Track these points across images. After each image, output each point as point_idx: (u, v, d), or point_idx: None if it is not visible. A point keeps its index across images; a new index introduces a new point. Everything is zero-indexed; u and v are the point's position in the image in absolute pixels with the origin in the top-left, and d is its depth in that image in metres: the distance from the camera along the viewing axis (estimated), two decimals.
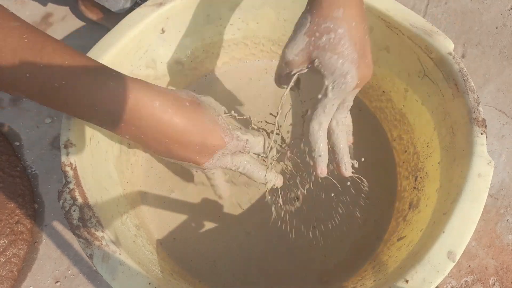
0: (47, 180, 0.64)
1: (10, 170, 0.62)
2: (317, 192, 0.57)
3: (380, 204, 0.57)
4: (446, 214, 0.40)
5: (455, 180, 0.42)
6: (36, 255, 0.59)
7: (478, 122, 0.43)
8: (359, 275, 0.51)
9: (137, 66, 0.53)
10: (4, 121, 0.68)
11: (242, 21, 0.58)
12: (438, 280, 0.37)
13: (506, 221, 0.59)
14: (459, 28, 0.73)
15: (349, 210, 0.56)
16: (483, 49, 0.71)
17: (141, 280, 0.38)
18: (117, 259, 0.38)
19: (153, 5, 0.51)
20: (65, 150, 0.43)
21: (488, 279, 0.56)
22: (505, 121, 0.65)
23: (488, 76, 0.69)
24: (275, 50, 0.64)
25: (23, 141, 0.67)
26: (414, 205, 0.51)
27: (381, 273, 0.45)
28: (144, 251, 0.46)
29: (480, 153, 0.41)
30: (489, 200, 0.60)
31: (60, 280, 0.57)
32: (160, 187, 0.59)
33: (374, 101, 0.62)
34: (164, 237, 0.56)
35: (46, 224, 0.61)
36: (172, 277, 0.46)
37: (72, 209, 0.40)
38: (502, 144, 0.64)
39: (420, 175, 0.52)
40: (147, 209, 0.57)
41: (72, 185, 0.41)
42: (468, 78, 0.45)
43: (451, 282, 0.56)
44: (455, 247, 0.38)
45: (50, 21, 0.78)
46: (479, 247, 0.58)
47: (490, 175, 0.41)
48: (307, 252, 0.54)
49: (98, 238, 0.39)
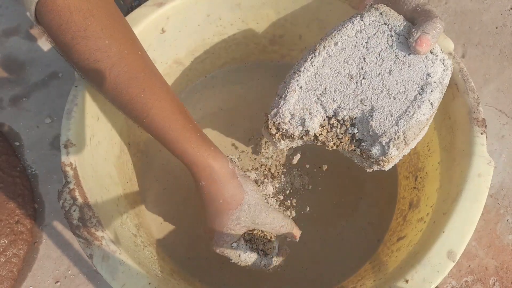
0: (47, 180, 0.64)
1: (10, 170, 0.62)
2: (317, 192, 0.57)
3: (380, 203, 0.57)
4: (446, 214, 0.40)
5: (455, 180, 0.42)
6: (36, 255, 0.59)
7: (478, 122, 0.43)
8: (359, 275, 0.51)
9: None
10: (4, 121, 0.68)
11: (242, 21, 0.58)
12: (438, 280, 0.37)
13: (506, 221, 0.59)
14: (459, 28, 0.73)
15: (349, 209, 0.56)
16: (483, 49, 0.71)
17: (141, 280, 0.38)
18: (117, 259, 0.38)
19: (153, 5, 0.51)
20: (65, 150, 0.43)
21: (488, 279, 0.56)
22: (505, 121, 0.65)
23: (488, 76, 0.69)
24: (275, 50, 0.64)
25: (23, 141, 0.67)
26: (414, 205, 0.51)
27: (381, 273, 0.45)
28: (144, 251, 0.46)
29: (480, 153, 0.41)
30: (489, 200, 0.60)
31: (60, 280, 0.57)
32: (160, 186, 0.59)
33: None
34: (164, 237, 0.56)
35: (46, 224, 0.61)
36: (171, 277, 0.46)
37: (72, 209, 0.40)
38: (502, 144, 0.64)
39: (420, 175, 0.52)
40: (147, 209, 0.57)
41: (72, 185, 0.41)
42: (468, 78, 0.45)
43: (451, 282, 0.56)
44: (455, 247, 0.38)
45: None
46: (479, 247, 0.58)
47: (490, 175, 0.41)
48: (307, 252, 0.54)
49: (98, 238, 0.39)
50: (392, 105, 0.39)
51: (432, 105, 0.39)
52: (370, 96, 0.39)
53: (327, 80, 0.40)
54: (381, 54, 0.40)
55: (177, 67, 0.61)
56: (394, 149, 0.38)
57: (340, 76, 0.40)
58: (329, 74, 0.40)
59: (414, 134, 0.38)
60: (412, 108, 0.38)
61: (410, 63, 0.39)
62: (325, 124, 0.41)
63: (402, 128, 0.38)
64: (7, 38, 0.75)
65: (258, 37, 0.61)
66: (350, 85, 0.40)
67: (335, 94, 0.40)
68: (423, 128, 0.40)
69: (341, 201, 0.57)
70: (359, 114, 0.39)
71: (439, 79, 0.39)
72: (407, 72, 0.39)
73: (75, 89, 0.46)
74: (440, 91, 0.39)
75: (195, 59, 0.62)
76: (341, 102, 0.39)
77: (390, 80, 0.39)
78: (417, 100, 0.38)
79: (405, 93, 0.39)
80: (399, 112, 0.38)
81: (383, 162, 0.40)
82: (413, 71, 0.39)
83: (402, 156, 0.41)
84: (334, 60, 0.41)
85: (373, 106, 0.39)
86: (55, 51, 0.74)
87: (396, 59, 0.40)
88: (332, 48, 0.41)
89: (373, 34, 0.41)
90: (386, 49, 0.40)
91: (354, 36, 0.41)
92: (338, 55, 0.41)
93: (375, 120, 0.38)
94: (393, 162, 0.40)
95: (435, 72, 0.39)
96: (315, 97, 0.40)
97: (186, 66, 0.62)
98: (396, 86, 0.39)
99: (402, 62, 0.39)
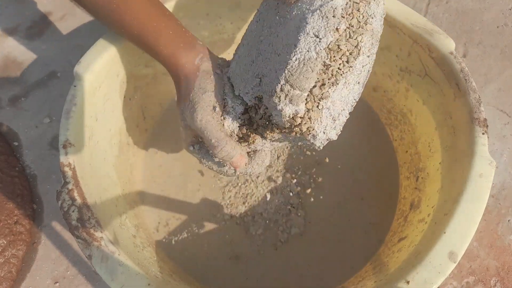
0: (46, 180, 0.63)
1: (8, 170, 0.62)
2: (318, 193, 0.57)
3: (381, 204, 0.56)
4: (448, 214, 0.40)
5: (457, 181, 0.42)
6: (35, 255, 0.59)
7: (480, 122, 0.43)
8: (360, 275, 0.51)
9: (136, 65, 0.53)
10: (2, 121, 0.68)
11: (243, 20, 0.58)
12: (439, 281, 0.37)
13: (508, 222, 0.59)
14: (460, 28, 0.73)
15: (350, 210, 0.56)
16: (484, 49, 0.71)
17: (140, 281, 0.38)
18: (116, 260, 0.38)
19: None
20: (64, 150, 0.42)
21: (489, 280, 0.56)
22: (507, 121, 0.65)
23: (489, 76, 0.69)
24: None
25: (22, 141, 0.66)
26: (415, 206, 0.51)
27: (382, 274, 0.45)
28: (143, 251, 0.46)
29: (482, 153, 0.41)
30: (490, 200, 0.60)
31: (59, 281, 0.57)
32: (159, 187, 0.58)
33: (375, 101, 0.62)
34: (164, 238, 0.55)
35: (45, 224, 0.60)
36: (171, 278, 0.46)
37: (71, 209, 0.39)
38: (503, 144, 0.64)
39: (421, 175, 0.52)
40: (146, 209, 0.57)
41: (71, 185, 0.41)
42: (470, 78, 0.45)
43: (453, 283, 0.56)
44: (456, 248, 0.38)
45: (49, 20, 0.77)
46: (480, 248, 0.57)
47: (491, 175, 0.40)
48: (308, 253, 0.54)
49: (97, 238, 0.39)
50: (276, 62, 0.35)
51: (318, 35, 0.33)
52: (263, 66, 0.37)
53: (237, 78, 0.41)
54: (271, 26, 0.38)
55: None
56: (289, 105, 0.34)
57: (246, 67, 0.40)
58: (239, 71, 0.41)
59: (304, 77, 0.33)
60: (293, 53, 0.33)
61: (292, 18, 0.36)
62: (245, 117, 0.40)
63: (283, 78, 0.34)
64: (6, 38, 0.75)
65: None
66: (250, 68, 0.39)
67: (241, 86, 0.40)
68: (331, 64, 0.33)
69: (342, 202, 0.57)
70: (260, 91, 0.38)
71: (316, 4, 0.34)
72: (289, 25, 0.35)
73: (73, 89, 0.46)
74: (321, 15, 0.33)
75: None
76: (244, 87, 0.39)
77: (277, 41, 0.37)
78: (295, 41, 0.34)
79: (288, 44, 0.35)
80: (282, 65, 0.34)
81: (297, 127, 0.35)
82: (293, 21, 0.35)
83: (341, 125, 0.36)
84: (242, 57, 0.41)
85: (264, 74, 0.37)
86: (54, 51, 0.73)
87: (279, 20, 0.37)
88: (241, 49, 0.42)
89: (266, 15, 0.40)
90: (273, 19, 0.38)
91: (256, 28, 0.41)
92: (244, 51, 0.41)
93: (264, 84, 0.36)
94: (318, 128, 0.35)
95: (309, 3, 0.34)
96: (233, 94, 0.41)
97: None
98: (281, 43, 0.35)
99: (285, 19, 0.36)
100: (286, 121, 0.35)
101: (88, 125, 0.46)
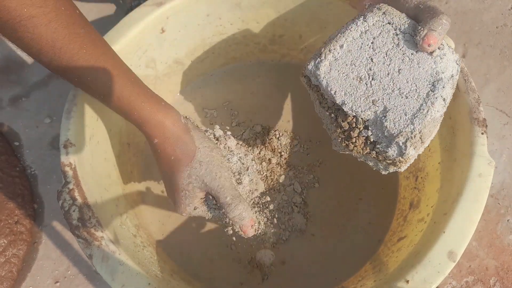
0: (47, 180, 0.64)
1: (9, 170, 0.62)
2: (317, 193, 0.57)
3: (381, 204, 0.56)
4: (447, 214, 0.40)
5: (456, 180, 0.42)
6: (36, 255, 0.59)
7: (479, 122, 0.43)
8: (360, 275, 0.51)
9: (137, 66, 0.53)
10: (3, 121, 0.68)
11: (242, 21, 0.58)
12: (439, 280, 0.37)
13: (507, 221, 0.59)
14: (459, 28, 0.73)
15: (350, 210, 0.56)
16: (483, 49, 0.71)
17: (140, 280, 0.38)
18: (117, 259, 0.38)
19: (153, 4, 0.51)
20: (65, 150, 0.42)
21: (488, 279, 0.56)
22: (506, 121, 0.65)
23: (488, 76, 0.69)
24: (276, 50, 0.64)
25: (23, 141, 0.67)
26: (414, 205, 0.51)
27: (381, 273, 0.45)
28: (143, 251, 0.46)
29: (481, 153, 0.41)
30: (489, 200, 0.60)
31: (60, 281, 0.57)
32: (160, 187, 0.59)
33: None
34: (164, 238, 0.56)
35: (46, 224, 0.61)
36: (171, 278, 0.46)
37: (72, 209, 0.40)
38: (502, 144, 0.64)
39: (420, 175, 0.52)
40: (146, 209, 0.57)
41: (71, 185, 0.41)
42: (469, 78, 0.45)
43: (452, 283, 0.56)
44: (455, 247, 0.38)
45: None
46: (479, 248, 0.58)
47: (490, 175, 0.41)
48: (307, 252, 0.54)
49: (97, 238, 0.39)
50: (405, 104, 0.38)
51: (445, 101, 0.39)
52: (382, 96, 0.39)
53: (336, 84, 0.40)
54: (388, 54, 0.40)
55: (177, 66, 0.60)
56: (412, 149, 0.38)
57: (349, 79, 0.40)
58: (337, 77, 0.40)
59: (429, 131, 0.38)
60: (426, 106, 0.38)
61: (418, 61, 0.39)
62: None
63: (418, 126, 0.37)
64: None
65: (258, 36, 0.61)
66: (360, 87, 0.39)
67: (345, 97, 0.39)
68: (437, 125, 0.39)
69: (342, 201, 0.57)
70: (371, 116, 0.39)
71: (449, 74, 0.39)
72: (416, 70, 0.39)
73: (74, 88, 0.46)
74: (451, 86, 0.39)
75: (195, 59, 0.62)
76: (353, 105, 0.39)
77: (400, 79, 0.39)
78: (429, 97, 0.38)
79: (417, 91, 0.38)
80: (413, 110, 0.38)
81: (400, 162, 0.39)
82: (422, 68, 0.39)
83: (428, 143, 0.40)
84: (341, 63, 0.40)
85: (386, 106, 0.38)
86: None
87: (404, 58, 0.39)
88: (338, 51, 0.40)
89: (378, 34, 0.40)
90: (393, 48, 0.40)
91: (359, 38, 0.41)
92: (344, 58, 0.40)
93: (389, 120, 0.38)
94: (409, 162, 0.40)
95: (444, 68, 0.39)
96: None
97: (186, 66, 0.62)
98: (407, 85, 0.39)
99: (411, 60, 0.39)
100: (396, 156, 0.39)
101: (89, 125, 0.46)
